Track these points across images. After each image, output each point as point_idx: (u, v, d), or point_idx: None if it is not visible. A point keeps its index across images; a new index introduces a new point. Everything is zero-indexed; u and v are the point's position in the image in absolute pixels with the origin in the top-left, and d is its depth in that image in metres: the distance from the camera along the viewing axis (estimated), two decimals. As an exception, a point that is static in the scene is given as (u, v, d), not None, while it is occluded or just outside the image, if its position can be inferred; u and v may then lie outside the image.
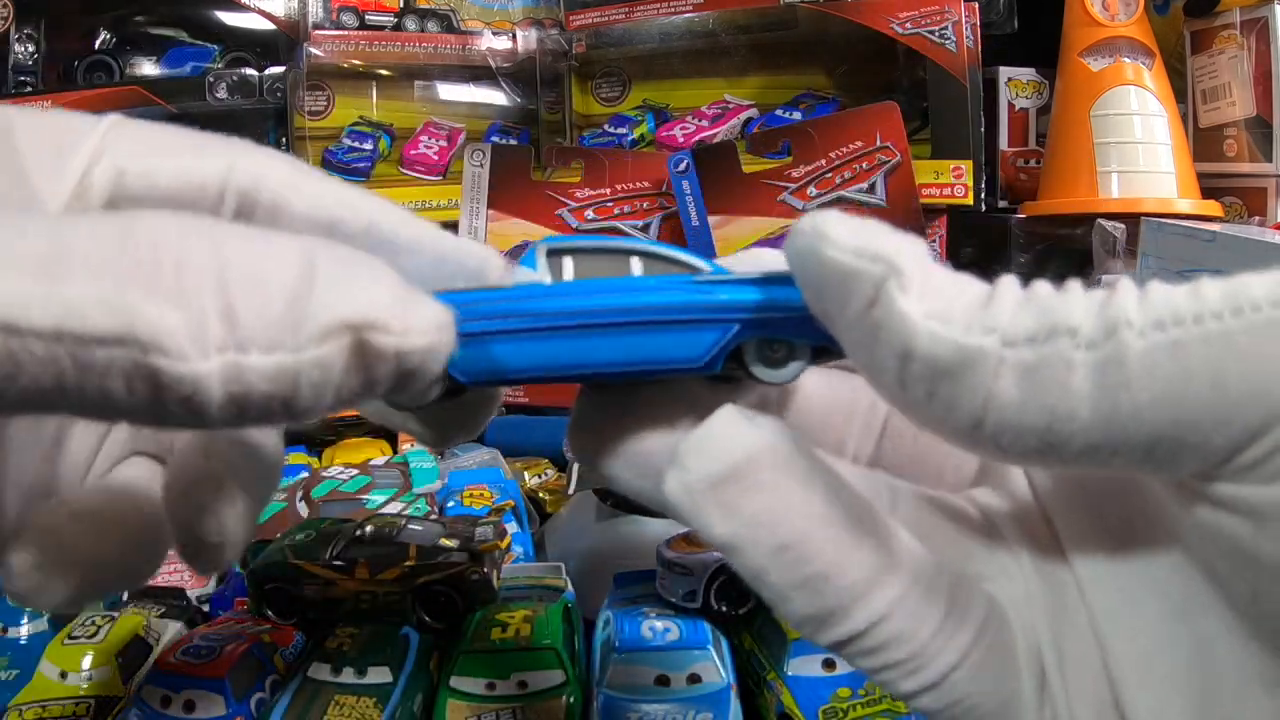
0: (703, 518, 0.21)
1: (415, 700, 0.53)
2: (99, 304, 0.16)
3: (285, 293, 0.18)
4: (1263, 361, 0.17)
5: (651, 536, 0.67)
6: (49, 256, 0.17)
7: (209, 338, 0.17)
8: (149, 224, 0.18)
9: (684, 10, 1.18)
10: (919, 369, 0.19)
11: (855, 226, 0.21)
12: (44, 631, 0.59)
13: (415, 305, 0.19)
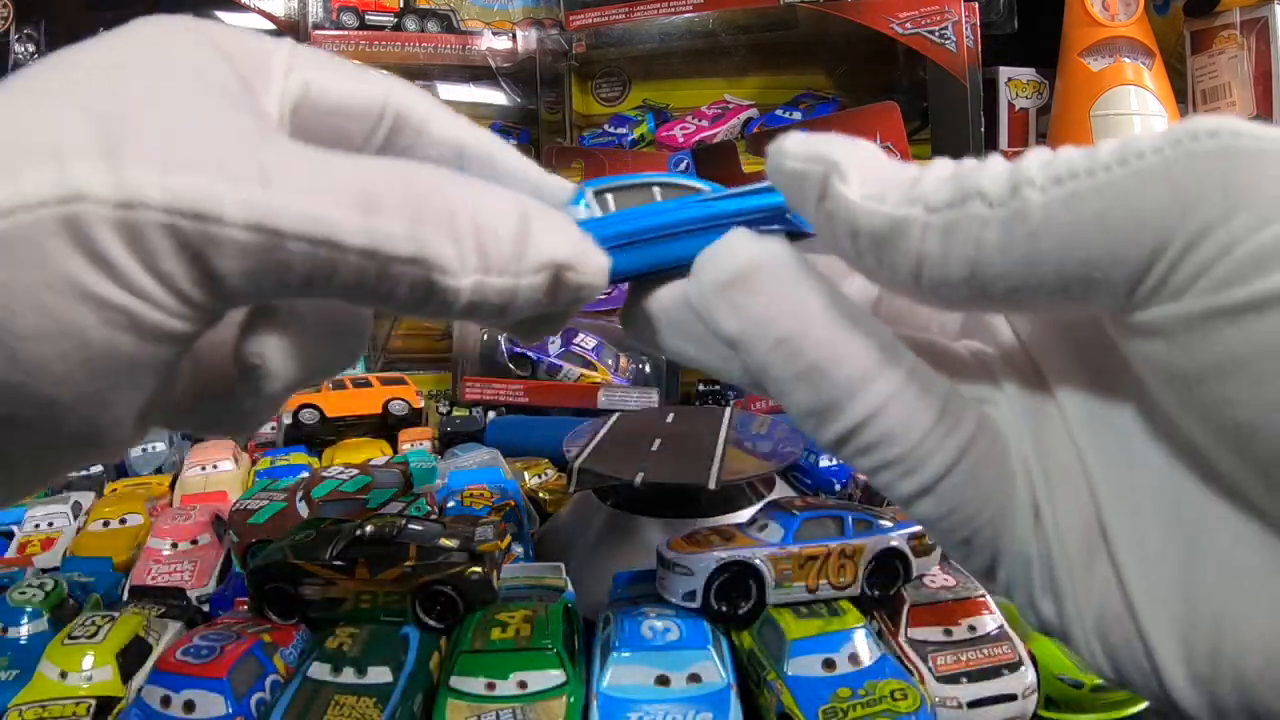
0: (715, 316, 0.25)
1: (415, 700, 0.53)
2: (404, 236, 0.24)
3: (513, 236, 0.25)
4: (1144, 200, 0.19)
5: (651, 536, 0.67)
6: (360, 191, 0.24)
7: (469, 264, 0.25)
8: (426, 176, 0.25)
9: (684, 10, 1.18)
10: (865, 241, 0.23)
11: (805, 138, 0.25)
12: (44, 631, 0.59)
13: (590, 251, 0.27)
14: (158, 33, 0.30)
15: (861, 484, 0.80)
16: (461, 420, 1.00)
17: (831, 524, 0.60)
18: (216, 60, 0.28)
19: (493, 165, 0.33)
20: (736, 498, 0.74)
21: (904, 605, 0.59)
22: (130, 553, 0.74)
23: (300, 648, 0.58)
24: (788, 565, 0.58)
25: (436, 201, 0.25)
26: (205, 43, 0.29)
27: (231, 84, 0.27)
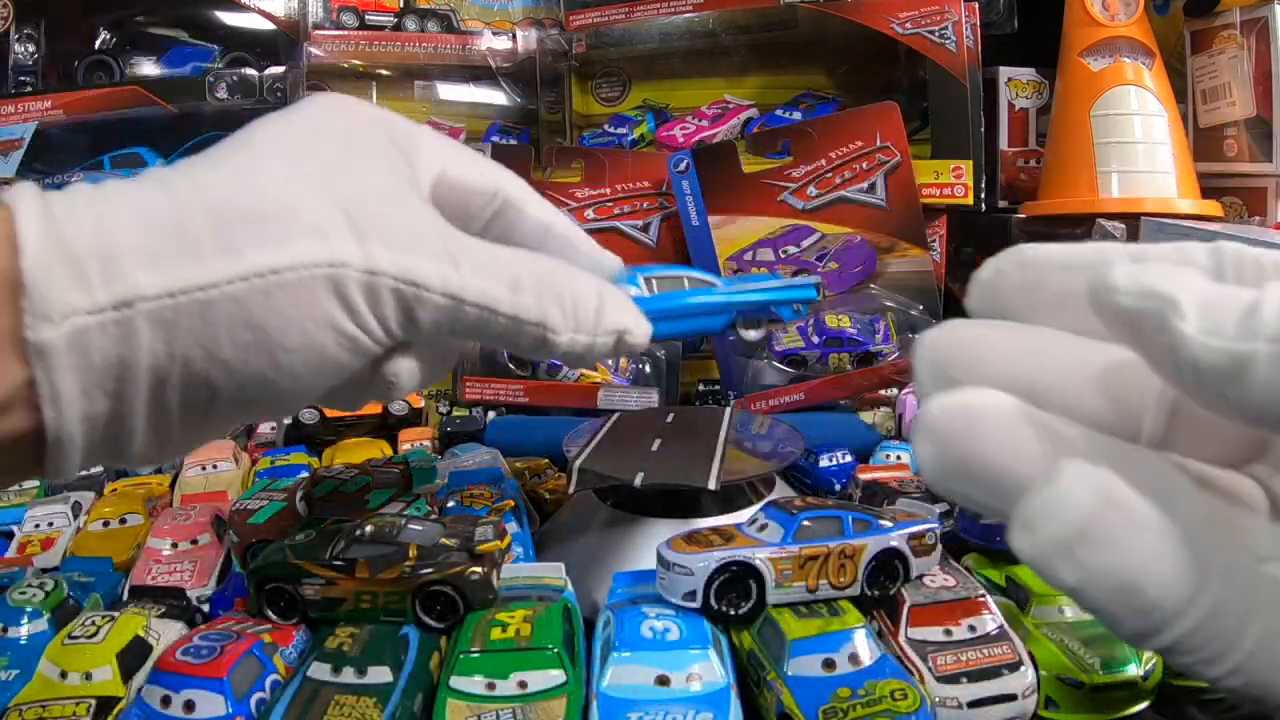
0: (1052, 571, 0.25)
1: (415, 700, 0.53)
2: (534, 308, 0.40)
3: (594, 309, 0.43)
4: None
5: (651, 536, 0.67)
6: (510, 275, 0.40)
7: (568, 327, 0.42)
8: (545, 265, 0.42)
9: (684, 10, 1.18)
10: (1208, 377, 0.23)
11: (1134, 274, 0.26)
12: (44, 631, 0.59)
13: (642, 322, 0.46)
14: (344, 113, 0.41)
15: (861, 484, 0.80)
16: (461, 420, 1.00)
17: (831, 524, 0.60)
18: (389, 144, 0.41)
19: (569, 242, 0.48)
20: (736, 498, 0.74)
21: (904, 605, 0.59)
22: (130, 553, 0.74)
23: (300, 648, 0.58)
24: (788, 565, 0.58)
25: (552, 284, 0.41)
26: (378, 124, 0.41)
27: (405, 167, 0.41)
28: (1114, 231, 1.06)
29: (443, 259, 0.38)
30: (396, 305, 0.37)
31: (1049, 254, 0.31)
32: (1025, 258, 0.31)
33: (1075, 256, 0.30)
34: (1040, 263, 0.31)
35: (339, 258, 0.35)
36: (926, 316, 1.05)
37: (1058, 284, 0.30)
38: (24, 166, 1.24)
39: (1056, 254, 0.31)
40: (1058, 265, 0.30)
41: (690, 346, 1.16)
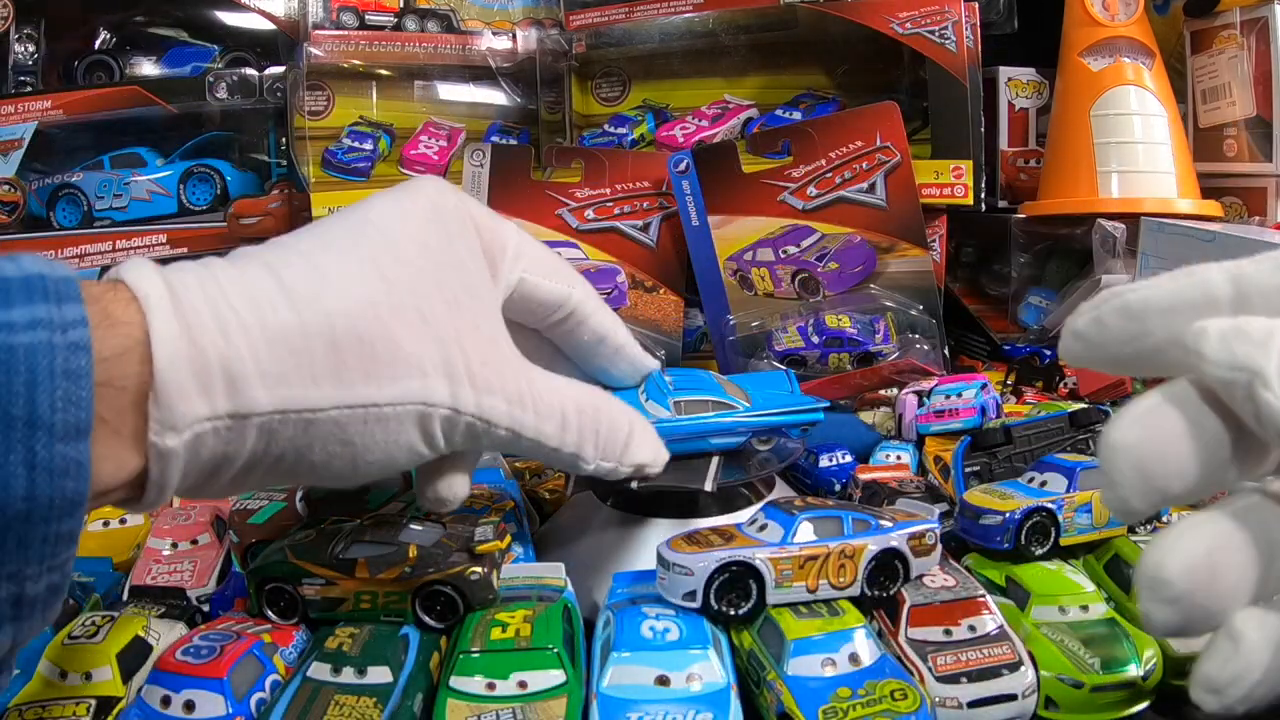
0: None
1: (415, 700, 0.53)
2: (574, 443, 0.49)
3: (623, 442, 0.51)
4: None
5: (651, 536, 0.67)
6: (560, 414, 0.48)
7: (597, 456, 0.50)
8: (589, 399, 0.50)
9: (684, 10, 1.18)
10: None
11: (1226, 340, 0.28)
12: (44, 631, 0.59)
13: (661, 453, 0.55)
14: (440, 213, 0.45)
15: (861, 484, 0.80)
16: (461, 420, 1.00)
17: (831, 524, 0.60)
18: (479, 255, 0.46)
19: (619, 351, 0.57)
20: (736, 498, 0.74)
21: (904, 605, 0.59)
22: (130, 553, 0.74)
23: (300, 648, 0.58)
24: (788, 565, 0.58)
25: (593, 419, 0.49)
26: (469, 228, 0.46)
27: (491, 283, 0.47)
28: (1114, 232, 1.06)
29: (514, 401, 0.44)
30: (467, 434, 0.44)
31: (1151, 299, 0.31)
32: (1128, 306, 0.31)
33: (1178, 298, 0.30)
34: (1143, 310, 0.31)
35: (432, 399, 0.41)
36: (926, 316, 1.05)
37: (1162, 330, 0.31)
38: (24, 166, 1.24)
39: (1158, 299, 0.31)
40: (1160, 310, 0.31)
41: (690, 347, 1.16)
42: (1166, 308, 0.31)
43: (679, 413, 0.69)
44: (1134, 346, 0.31)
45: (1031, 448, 0.78)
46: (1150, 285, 0.31)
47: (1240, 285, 0.30)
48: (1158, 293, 0.31)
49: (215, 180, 1.28)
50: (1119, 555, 0.65)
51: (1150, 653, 0.57)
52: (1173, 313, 0.30)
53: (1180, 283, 0.31)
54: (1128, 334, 0.31)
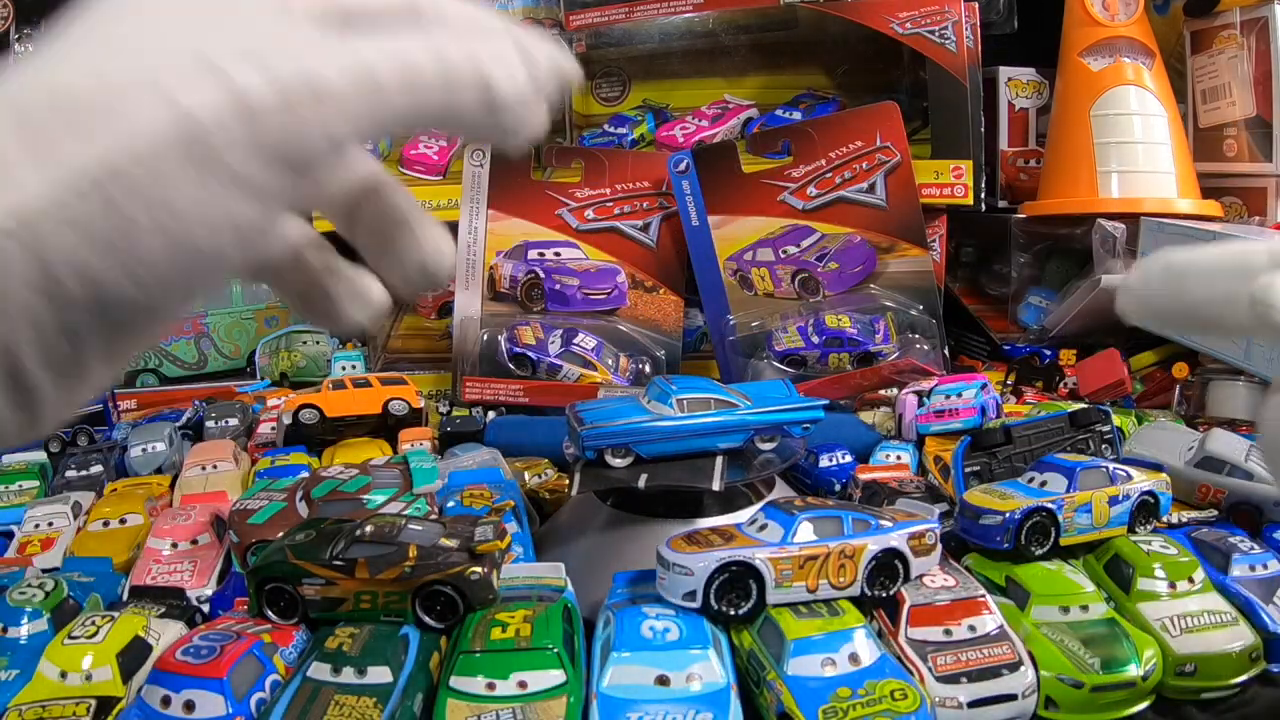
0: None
1: (415, 700, 0.53)
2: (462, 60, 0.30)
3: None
4: None
5: (651, 536, 0.67)
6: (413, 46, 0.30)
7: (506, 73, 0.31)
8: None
9: (684, 10, 1.18)
10: None
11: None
12: (44, 631, 0.59)
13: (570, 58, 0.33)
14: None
15: (861, 484, 0.80)
16: (461, 420, 1.00)
17: (831, 524, 0.60)
18: None
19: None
20: (736, 498, 0.74)
21: (904, 605, 0.59)
22: (130, 553, 0.74)
23: (300, 648, 0.58)
24: (788, 565, 0.58)
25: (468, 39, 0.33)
26: None
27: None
28: (1114, 231, 1.06)
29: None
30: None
31: (1194, 261, 0.34)
32: (1171, 265, 0.34)
33: (1220, 263, 0.33)
34: (1184, 270, 0.34)
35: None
36: (926, 316, 1.05)
37: (1201, 290, 0.33)
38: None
39: (1201, 261, 0.33)
40: (1201, 272, 0.33)
41: (690, 347, 1.16)
42: (1208, 269, 0.33)
43: (681, 411, 0.69)
44: (1175, 303, 0.34)
45: (1031, 448, 0.78)
46: (1195, 249, 0.34)
47: (1278, 259, 0.32)
48: (1202, 255, 0.34)
49: (215, 180, 1.28)
50: (1119, 555, 0.65)
51: (1150, 653, 0.57)
52: (1213, 275, 0.33)
53: (1223, 249, 0.34)
54: (1170, 291, 0.34)
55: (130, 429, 1.00)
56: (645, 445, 0.70)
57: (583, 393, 1.02)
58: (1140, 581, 0.63)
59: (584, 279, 1.09)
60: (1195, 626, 0.59)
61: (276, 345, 1.27)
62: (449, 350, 1.12)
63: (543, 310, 1.10)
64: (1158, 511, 0.68)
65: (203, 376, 1.29)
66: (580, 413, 0.73)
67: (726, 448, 0.72)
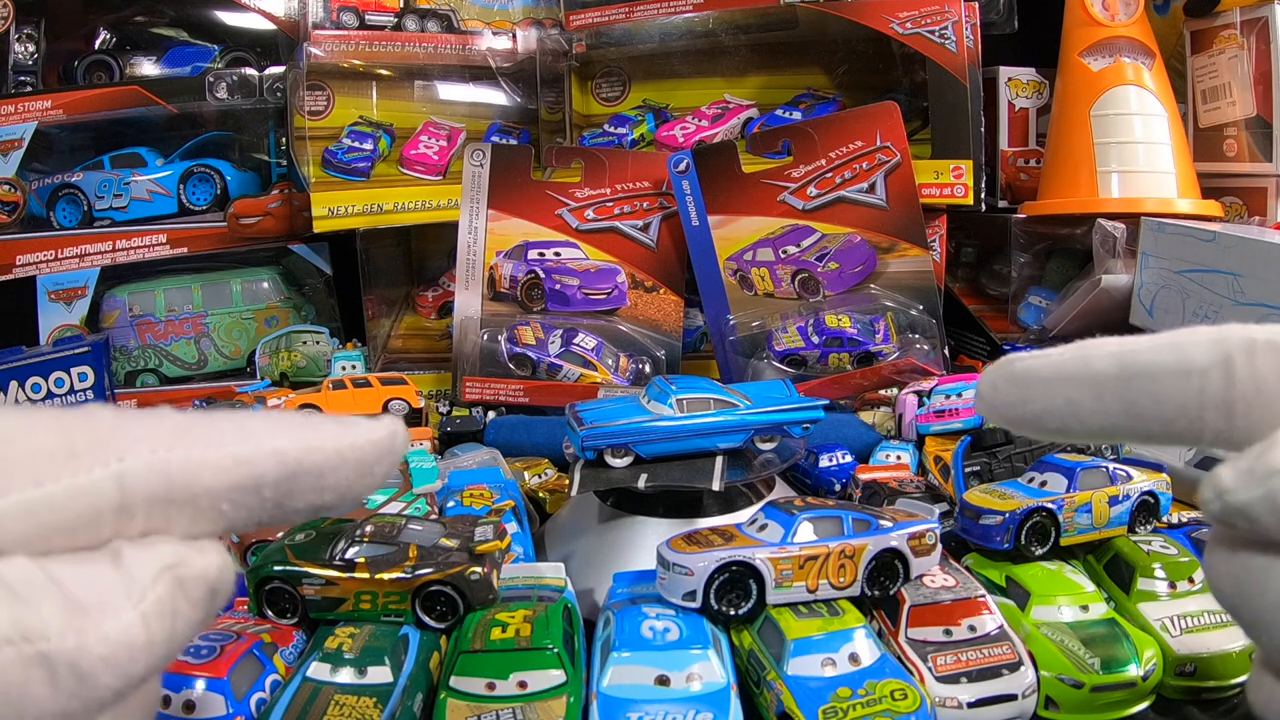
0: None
1: (415, 700, 0.53)
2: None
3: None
4: None
5: (651, 536, 0.67)
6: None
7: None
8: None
9: (684, 10, 1.18)
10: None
11: (1238, 468, 0.28)
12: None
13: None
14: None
15: (861, 484, 0.80)
16: (461, 420, 1.00)
17: (831, 524, 0.60)
18: None
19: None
20: (736, 498, 0.74)
21: (904, 605, 0.59)
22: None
23: (300, 648, 0.58)
24: (788, 565, 0.58)
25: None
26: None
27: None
28: (1114, 231, 1.06)
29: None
30: None
31: (1033, 369, 0.33)
32: (1013, 374, 0.33)
33: (1060, 370, 0.32)
34: (1025, 378, 0.33)
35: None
36: (926, 316, 1.05)
37: (1043, 399, 0.33)
38: (24, 166, 1.24)
39: (1040, 369, 0.33)
40: (1042, 380, 0.33)
41: (690, 347, 1.16)
42: (1049, 377, 0.32)
43: (681, 411, 0.69)
44: (1018, 411, 0.33)
45: (1031, 448, 0.78)
46: (1039, 355, 0.33)
47: (1125, 365, 0.31)
48: (1042, 363, 0.33)
49: (215, 180, 1.28)
50: (1119, 555, 0.65)
51: (1150, 653, 0.57)
52: (1054, 382, 0.32)
53: (1065, 355, 0.33)
54: (1014, 399, 0.33)
55: (130, 429, 1.00)
56: (645, 445, 0.70)
57: (583, 393, 1.02)
58: (1140, 581, 0.63)
59: (584, 279, 1.09)
60: (1195, 626, 0.59)
61: (276, 345, 1.27)
62: (449, 350, 1.12)
63: (543, 310, 1.10)
64: (1158, 511, 0.68)
65: (203, 376, 1.29)
66: (580, 413, 0.73)
67: (726, 448, 0.72)
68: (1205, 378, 0.30)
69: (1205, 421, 0.30)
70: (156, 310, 1.27)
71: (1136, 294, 1.04)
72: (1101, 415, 0.32)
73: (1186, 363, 0.30)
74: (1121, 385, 0.31)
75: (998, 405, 0.34)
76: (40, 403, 1.07)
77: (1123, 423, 0.32)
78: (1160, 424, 0.31)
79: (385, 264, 1.29)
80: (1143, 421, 0.31)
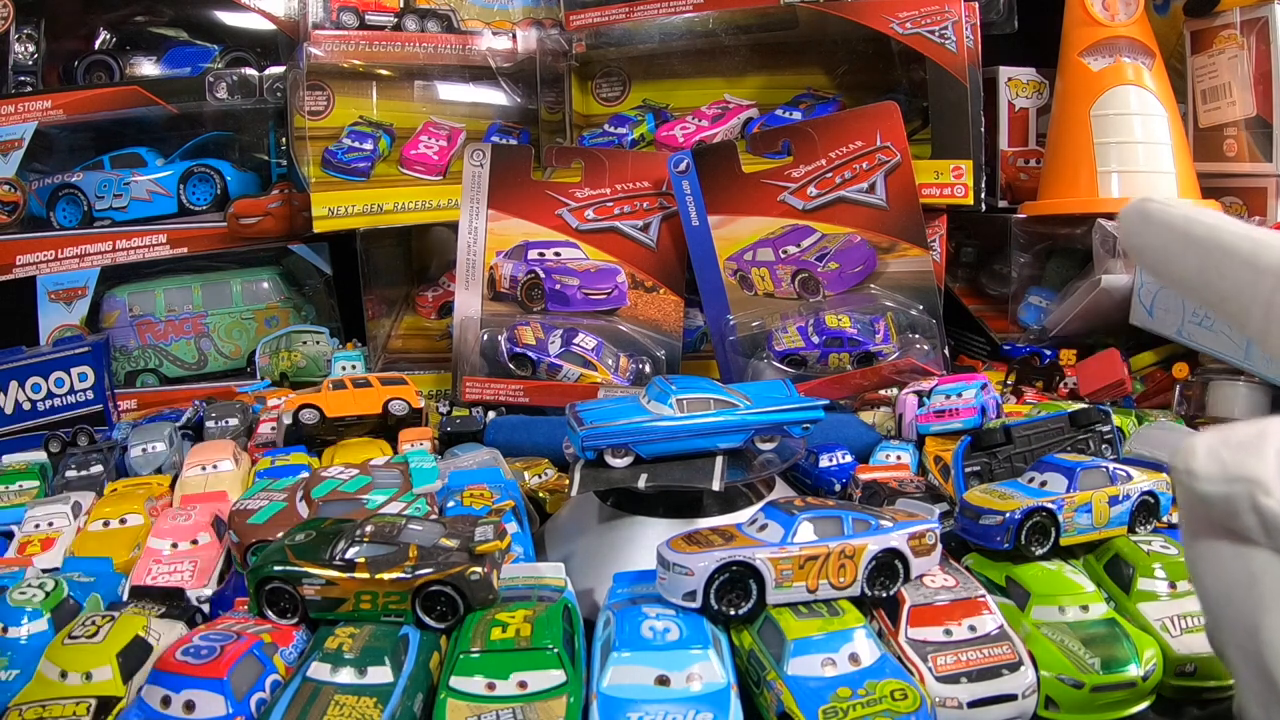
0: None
1: (415, 700, 0.53)
2: None
3: None
4: None
5: (651, 536, 0.67)
6: None
7: None
8: None
9: (684, 10, 1.18)
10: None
11: (1215, 455, 0.30)
12: (44, 631, 0.59)
13: None
14: None
15: (861, 484, 0.80)
16: (461, 420, 1.00)
17: (831, 524, 0.60)
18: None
19: None
20: (736, 498, 0.74)
21: (904, 605, 0.59)
22: (130, 553, 0.74)
23: (300, 648, 0.58)
24: (788, 565, 0.58)
25: None
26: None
27: None
28: (1114, 232, 1.06)
29: None
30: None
31: (1155, 210, 0.38)
32: (1142, 209, 0.38)
33: (1170, 218, 0.37)
34: (1148, 217, 0.38)
35: None
36: (926, 316, 1.05)
37: (1150, 234, 0.38)
38: (24, 166, 1.24)
39: (1158, 211, 0.38)
40: (1155, 221, 0.38)
41: (690, 347, 1.16)
42: (1159, 221, 0.39)
43: (681, 411, 0.69)
44: (1130, 241, 0.39)
45: (1031, 448, 0.78)
46: (1166, 201, 0.38)
47: (1214, 234, 0.37)
48: (1161, 208, 0.39)
49: (215, 180, 1.28)
50: (1119, 555, 0.65)
51: (1150, 653, 0.57)
52: (1160, 226, 0.38)
53: (1179, 210, 0.38)
54: (1131, 230, 0.40)
55: (130, 429, 1.00)
56: (645, 445, 0.70)
57: (583, 393, 1.02)
58: (1140, 581, 0.63)
59: (584, 279, 1.09)
60: (1195, 626, 0.59)
61: (276, 345, 1.27)
62: (449, 350, 1.12)
63: (543, 310, 1.10)
64: (1158, 511, 0.68)
65: (203, 376, 1.29)
66: (580, 413, 0.73)
67: (726, 448, 0.72)
68: (1261, 276, 0.34)
69: (1250, 314, 0.35)
70: (156, 310, 1.27)
71: (1136, 294, 1.04)
72: (1181, 266, 0.37)
73: (1255, 258, 0.35)
74: (1204, 249, 0.36)
75: (1122, 231, 0.39)
76: (40, 402, 1.07)
77: (1194, 278, 0.37)
78: (1216, 295, 0.36)
79: (385, 264, 1.29)
80: (1207, 287, 0.36)
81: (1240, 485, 0.28)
